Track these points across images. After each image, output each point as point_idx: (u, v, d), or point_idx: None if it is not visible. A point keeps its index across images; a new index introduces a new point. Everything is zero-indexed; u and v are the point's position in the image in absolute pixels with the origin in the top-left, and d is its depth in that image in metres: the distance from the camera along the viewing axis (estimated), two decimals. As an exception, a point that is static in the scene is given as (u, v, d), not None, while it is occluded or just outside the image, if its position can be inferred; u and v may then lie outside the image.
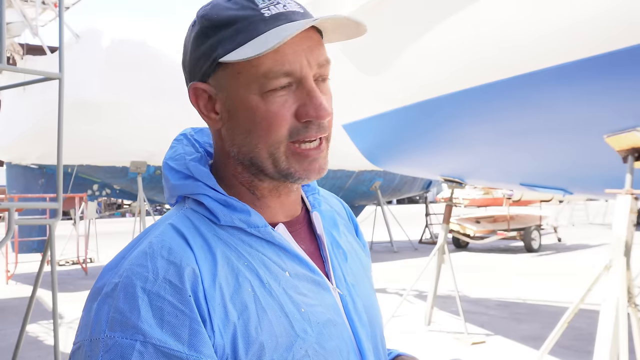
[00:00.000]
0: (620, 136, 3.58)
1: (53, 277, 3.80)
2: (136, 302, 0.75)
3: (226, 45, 0.83)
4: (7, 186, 11.90)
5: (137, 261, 0.79)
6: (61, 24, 3.88)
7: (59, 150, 3.71)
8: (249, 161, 0.87)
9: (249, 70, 0.83)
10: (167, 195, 0.93)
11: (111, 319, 0.75)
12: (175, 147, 0.93)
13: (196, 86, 0.87)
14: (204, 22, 0.86)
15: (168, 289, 0.76)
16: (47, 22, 11.16)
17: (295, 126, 0.84)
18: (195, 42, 0.86)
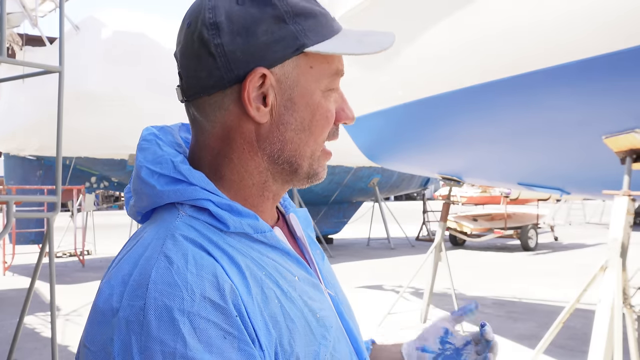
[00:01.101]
0: (619, 137, 3.59)
1: (51, 271, 3.80)
2: (177, 328, 0.66)
3: (312, 36, 0.81)
4: (5, 177, 11.89)
5: (163, 279, 0.70)
6: (61, 16, 3.87)
7: (58, 145, 3.71)
8: (286, 159, 0.83)
9: (322, 66, 0.83)
10: (147, 202, 0.82)
11: (148, 351, 0.66)
12: (149, 149, 0.83)
13: (262, 72, 0.79)
14: (283, 6, 0.80)
15: (210, 308, 0.69)
16: (46, 12, 11.11)
17: (331, 128, 0.87)
18: (271, 25, 0.79)
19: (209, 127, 0.84)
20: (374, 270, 10.92)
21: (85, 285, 9.15)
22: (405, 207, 26.58)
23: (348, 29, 0.86)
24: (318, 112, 0.83)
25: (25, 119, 10.58)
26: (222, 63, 0.79)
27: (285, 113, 0.82)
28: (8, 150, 11.57)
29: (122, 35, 10.67)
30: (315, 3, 0.84)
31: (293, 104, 0.82)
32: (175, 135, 0.90)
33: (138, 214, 0.86)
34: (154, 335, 0.66)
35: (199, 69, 0.81)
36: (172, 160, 0.82)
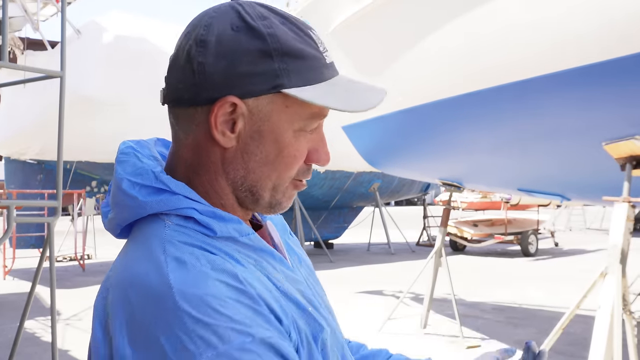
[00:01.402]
0: (619, 144, 3.60)
1: (52, 275, 3.81)
2: (216, 309, 0.70)
3: (293, 78, 0.81)
4: (6, 181, 11.89)
5: (183, 278, 0.73)
6: (63, 21, 3.89)
7: (59, 149, 3.72)
8: (248, 188, 0.85)
9: (299, 108, 0.83)
10: (129, 214, 0.83)
11: (203, 338, 0.69)
12: (128, 162, 0.85)
13: (232, 100, 0.81)
14: (272, 42, 0.80)
15: (235, 292, 0.73)
16: (48, 17, 11.14)
17: (302, 167, 0.87)
18: (255, 57, 0.80)
19: (183, 137, 0.86)
20: (374, 276, 10.91)
21: (85, 290, 9.14)
22: (406, 213, 26.57)
23: (343, 78, 0.86)
24: (285, 150, 0.83)
25: (26, 123, 10.59)
26: (199, 81, 0.81)
27: (251, 143, 0.83)
28: (9, 154, 11.58)
29: (124, 40, 10.69)
30: (312, 45, 0.84)
31: (261, 136, 0.83)
32: (152, 149, 0.91)
33: (117, 227, 0.86)
34: (200, 322, 0.69)
35: (179, 81, 0.83)
36: (152, 171, 0.83)
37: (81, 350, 5.81)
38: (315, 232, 13.68)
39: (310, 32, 0.85)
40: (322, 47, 0.85)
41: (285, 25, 0.83)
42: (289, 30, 0.82)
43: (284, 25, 0.83)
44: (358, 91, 0.85)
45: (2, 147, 11.43)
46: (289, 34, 0.82)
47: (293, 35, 0.82)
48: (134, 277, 0.75)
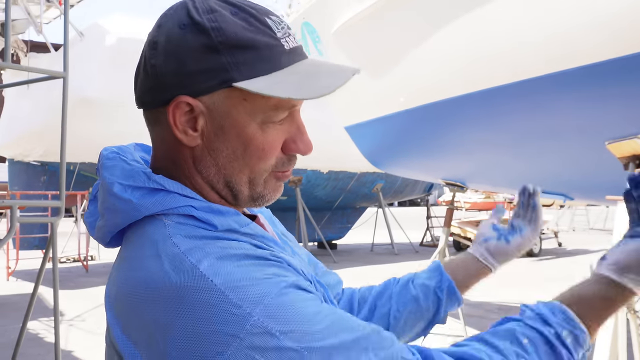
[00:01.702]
0: (622, 143, 3.58)
1: (55, 276, 3.81)
2: (249, 274, 0.72)
3: (244, 70, 0.78)
4: (10, 183, 11.92)
5: (206, 255, 0.74)
6: (66, 23, 3.90)
7: (62, 150, 3.73)
8: (224, 184, 0.84)
9: (258, 100, 0.80)
10: (123, 219, 0.81)
11: (246, 299, 0.70)
12: (116, 166, 0.83)
13: (185, 100, 0.80)
14: (217, 36, 0.78)
15: (255, 260, 0.75)
16: (51, 19, 11.18)
17: (281, 158, 0.85)
18: (202, 54, 0.78)
19: (155, 138, 0.87)
20: (378, 276, 10.88)
21: (89, 291, 9.15)
22: (409, 213, 26.55)
23: (306, 63, 0.83)
24: (252, 144, 0.81)
25: (30, 124, 10.62)
26: (154, 83, 0.82)
27: (216, 140, 0.82)
28: (12, 155, 11.61)
29: (126, 42, 10.70)
30: (268, 34, 0.80)
31: (224, 132, 0.81)
32: (134, 154, 0.90)
33: (108, 234, 0.84)
34: (237, 289, 0.70)
35: (142, 84, 0.84)
36: (143, 172, 0.83)
37: (84, 350, 5.82)
38: (319, 233, 13.68)
39: (267, 18, 0.81)
40: (282, 33, 0.82)
41: (237, 15, 0.80)
42: (240, 21, 0.79)
43: (236, 16, 0.80)
44: (319, 76, 0.82)
45: (6, 148, 11.46)
46: (240, 25, 0.79)
47: (245, 25, 0.79)
48: (149, 278, 0.74)
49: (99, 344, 3.18)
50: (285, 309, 0.70)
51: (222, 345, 0.68)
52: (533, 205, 1.22)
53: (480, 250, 1.21)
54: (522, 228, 1.22)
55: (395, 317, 1.14)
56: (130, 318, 0.75)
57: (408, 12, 4.41)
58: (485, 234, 1.22)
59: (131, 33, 10.95)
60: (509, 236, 1.21)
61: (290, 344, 0.68)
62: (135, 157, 0.89)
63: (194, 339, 0.69)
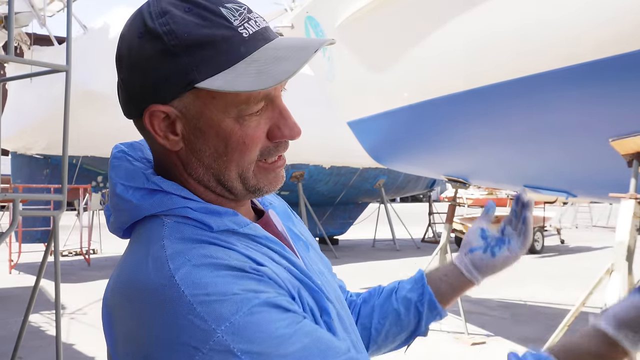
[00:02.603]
0: (626, 140, 3.58)
1: (56, 269, 3.82)
2: (222, 287, 0.71)
3: (203, 69, 0.76)
4: (12, 176, 11.94)
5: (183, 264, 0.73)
6: (69, 16, 3.89)
7: (65, 144, 3.73)
8: (216, 182, 0.84)
9: (227, 96, 0.78)
10: (126, 218, 0.84)
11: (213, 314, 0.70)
12: (120, 166, 0.85)
13: (156, 109, 0.79)
14: (170, 40, 0.76)
15: (234, 271, 0.74)
16: (54, 12, 11.16)
17: (267, 146, 0.83)
18: (160, 61, 0.77)
19: (150, 146, 0.87)
20: (379, 272, 10.91)
21: (90, 284, 9.17)
22: (411, 209, 26.54)
23: (269, 48, 0.79)
24: (231, 139, 0.80)
25: (33, 118, 10.62)
26: (127, 97, 0.82)
27: (197, 141, 0.81)
28: (15, 148, 11.62)
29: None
30: (224, 25, 0.78)
31: (202, 133, 0.81)
32: (145, 151, 0.91)
33: (119, 229, 0.87)
34: (206, 302, 0.70)
35: (119, 97, 0.85)
36: (143, 173, 0.84)
37: (86, 344, 5.83)
38: (321, 228, 13.68)
39: (221, 9, 0.78)
40: (239, 21, 0.79)
41: (190, 13, 0.77)
42: (193, 18, 0.77)
43: (189, 13, 0.77)
44: (280, 60, 0.78)
45: (9, 142, 11.47)
46: (192, 23, 0.77)
47: (198, 21, 0.77)
48: (135, 278, 0.76)
49: (100, 337, 3.18)
50: (252, 328, 0.69)
51: (186, 356, 0.69)
52: (524, 218, 1.15)
53: (465, 262, 1.16)
54: (510, 239, 1.16)
55: (376, 329, 1.14)
56: (117, 312, 0.77)
57: (412, 6, 4.39)
58: (472, 242, 1.17)
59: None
60: (495, 248, 1.15)
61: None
62: (146, 154, 0.90)
63: (162, 345, 0.70)
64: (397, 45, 4.73)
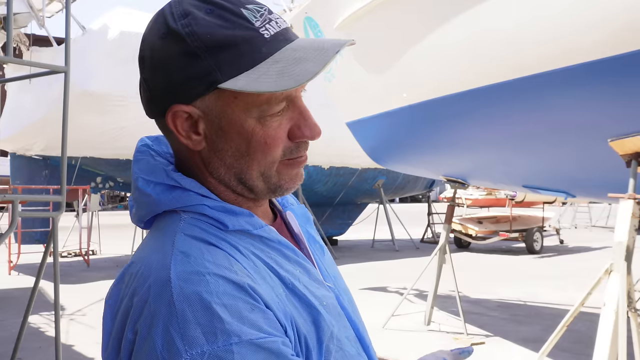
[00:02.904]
0: (624, 140, 3.58)
1: (55, 270, 3.82)
2: (210, 308, 0.70)
3: (226, 70, 0.77)
4: (11, 177, 11.94)
5: (184, 269, 0.73)
6: (67, 17, 3.89)
7: (63, 145, 3.73)
8: (237, 181, 0.85)
9: (249, 96, 0.79)
10: (146, 211, 0.85)
11: (189, 336, 0.69)
12: (143, 160, 0.87)
13: (179, 109, 0.81)
14: (193, 41, 0.77)
15: (233, 287, 0.73)
16: (53, 13, 11.16)
17: (289, 146, 0.84)
18: (183, 61, 0.78)
19: (171, 144, 0.88)
20: (379, 272, 10.91)
21: (90, 285, 9.17)
22: (410, 209, 26.55)
23: (289, 49, 0.80)
24: (253, 139, 0.81)
25: (32, 119, 10.62)
26: (148, 97, 0.84)
27: (219, 141, 0.82)
28: (14, 150, 11.62)
29: (128, 36, 10.70)
30: (246, 26, 0.79)
31: (224, 132, 0.82)
32: (169, 145, 0.92)
33: (140, 221, 0.89)
34: (191, 320, 0.69)
35: (142, 97, 0.86)
36: (164, 168, 0.85)
37: (85, 345, 5.83)
38: (320, 229, 13.68)
39: (242, 10, 0.79)
40: (260, 22, 0.80)
41: (212, 14, 0.79)
42: (215, 19, 0.78)
43: (211, 14, 0.79)
44: (302, 61, 0.79)
45: (8, 143, 11.47)
46: (214, 24, 0.78)
47: (220, 22, 0.78)
48: (144, 268, 0.77)
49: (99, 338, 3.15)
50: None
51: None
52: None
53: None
54: None
55: None
56: (124, 296, 0.78)
57: (410, 7, 4.39)
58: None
59: (134, 27, 10.95)
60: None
61: None
62: (170, 148, 0.91)
63: (144, 340, 0.71)
64: (395, 45, 4.73)
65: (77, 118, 9.75)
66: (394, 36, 4.72)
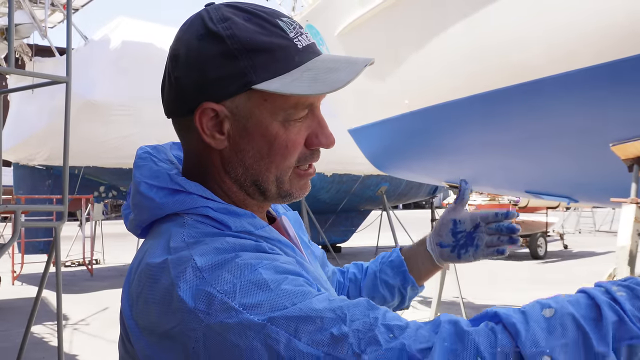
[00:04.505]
0: (626, 145, 3.57)
1: (58, 280, 3.82)
2: (235, 263, 0.75)
3: (261, 73, 0.82)
4: (15, 187, 11.96)
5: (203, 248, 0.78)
6: (69, 28, 3.91)
7: (65, 154, 3.74)
8: (252, 182, 0.88)
9: (278, 100, 0.84)
10: (148, 215, 0.88)
11: (220, 278, 0.74)
12: (145, 166, 0.90)
13: (209, 106, 0.84)
14: (233, 43, 0.82)
15: (254, 248, 0.79)
16: (56, 23, 11.22)
17: (304, 153, 0.89)
18: (220, 61, 0.82)
19: (186, 146, 0.91)
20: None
21: (93, 295, 9.17)
22: (414, 216, 26.51)
23: (320, 60, 0.86)
24: (276, 142, 0.85)
25: (35, 128, 10.65)
26: (178, 95, 0.86)
27: (242, 141, 0.86)
28: (18, 159, 11.65)
29: (131, 45, 10.74)
30: (280, 35, 0.84)
31: (248, 133, 0.86)
32: (168, 153, 0.96)
33: (138, 227, 0.91)
34: (220, 276, 0.74)
35: (168, 95, 0.88)
36: (168, 173, 0.88)
37: (88, 354, 5.83)
38: (323, 236, 13.66)
39: (278, 21, 0.85)
40: (294, 33, 0.85)
41: (250, 21, 0.84)
42: (254, 26, 0.83)
43: (249, 22, 0.83)
44: (332, 71, 0.84)
45: (11, 153, 11.50)
46: (253, 30, 0.83)
47: (258, 29, 0.83)
48: (156, 260, 0.79)
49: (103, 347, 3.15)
50: (254, 284, 0.73)
51: (196, 320, 0.72)
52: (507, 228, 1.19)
53: (436, 252, 1.24)
54: (479, 243, 1.21)
55: None
56: (138, 294, 0.80)
57: (411, 14, 4.40)
58: (443, 236, 1.23)
59: (135, 36, 10.99)
60: (462, 250, 1.21)
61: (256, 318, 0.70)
62: (169, 156, 0.95)
63: (175, 309, 0.73)
64: (397, 52, 4.74)
65: (80, 128, 9.78)
66: (395, 43, 4.73)
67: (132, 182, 0.91)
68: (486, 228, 1.19)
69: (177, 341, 0.72)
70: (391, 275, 1.25)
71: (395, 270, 1.25)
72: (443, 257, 1.23)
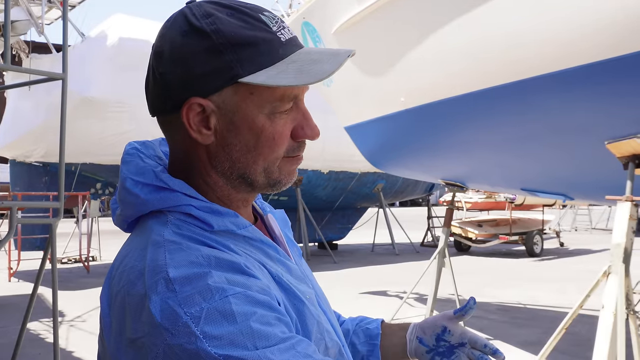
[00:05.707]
0: (621, 143, 3.58)
1: (54, 276, 3.82)
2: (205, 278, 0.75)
3: (246, 66, 0.83)
4: (11, 183, 11.93)
5: (178, 256, 0.78)
6: (65, 24, 3.90)
7: (61, 151, 3.74)
8: (238, 175, 0.89)
9: (264, 92, 0.85)
10: (133, 211, 0.88)
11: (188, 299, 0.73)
12: (132, 162, 0.90)
13: (196, 102, 0.84)
14: (218, 38, 0.83)
15: (227, 265, 0.78)
16: (53, 20, 11.18)
17: (292, 145, 0.90)
18: (206, 56, 0.83)
19: (172, 144, 0.92)
20: (378, 276, 10.90)
21: (89, 291, 9.16)
22: (410, 213, 26.54)
23: (304, 52, 0.87)
24: (262, 135, 0.86)
25: (31, 125, 10.62)
26: (163, 91, 0.87)
27: (228, 135, 0.87)
28: (14, 156, 11.62)
29: (127, 42, 10.71)
30: (264, 29, 0.85)
31: (235, 127, 0.86)
32: (157, 149, 0.96)
33: (124, 222, 0.92)
34: (188, 291, 0.74)
35: (152, 92, 0.89)
36: (153, 170, 0.88)
37: (85, 351, 5.83)
38: (319, 233, 13.68)
39: (261, 15, 0.86)
40: (277, 27, 0.86)
41: (233, 17, 0.84)
42: (237, 21, 0.84)
43: (232, 17, 0.84)
44: (316, 62, 0.86)
45: (8, 149, 11.48)
46: (237, 25, 0.84)
47: (241, 24, 0.84)
48: (135, 260, 0.81)
49: (98, 344, 3.07)
50: (222, 315, 0.73)
51: (160, 337, 0.72)
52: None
53: (412, 345, 1.18)
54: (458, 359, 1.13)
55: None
56: (116, 294, 0.81)
57: (407, 11, 4.41)
58: (426, 335, 1.17)
59: (132, 33, 10.96)
60: (436, 357, 1.15)
61: (214, 350, 0.71)
62: (158, 152, 0.95)
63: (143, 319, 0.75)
64: (393, 49, 4.75)
65: (77, 124, 9.77)
66: (391, 40, 4.74)
67: (119, 177, 0.91)
68: (469, 352, 1.13)
69: (140, 352, 0.74)
70: (362, 342, 1.20)
71: (368, 339, 1.20)
72: (417, 353, 1.16)
